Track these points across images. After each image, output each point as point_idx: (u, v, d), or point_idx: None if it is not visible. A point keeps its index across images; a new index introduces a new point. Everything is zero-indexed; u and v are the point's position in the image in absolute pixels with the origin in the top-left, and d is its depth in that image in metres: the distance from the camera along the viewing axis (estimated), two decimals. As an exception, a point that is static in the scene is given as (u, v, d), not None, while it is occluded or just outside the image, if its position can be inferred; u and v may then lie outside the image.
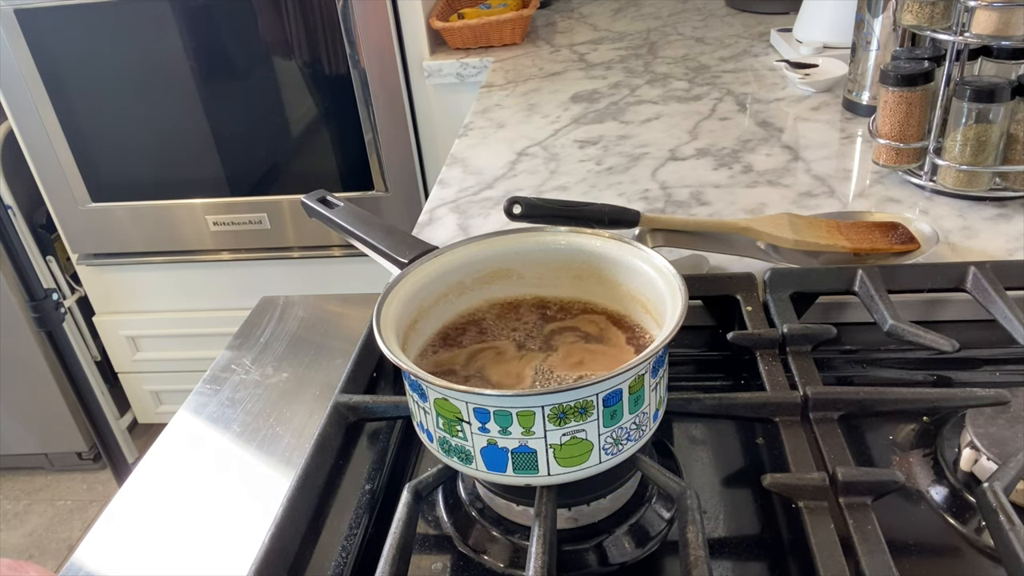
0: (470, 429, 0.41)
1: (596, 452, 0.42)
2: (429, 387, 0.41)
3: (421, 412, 0.44)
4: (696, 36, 1.44)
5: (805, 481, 0.45)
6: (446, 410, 0.41)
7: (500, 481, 0.44)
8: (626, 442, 0.43)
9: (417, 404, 0.44)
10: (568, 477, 0.42)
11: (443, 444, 0.44)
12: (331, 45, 1.44)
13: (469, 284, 0.53)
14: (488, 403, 0.40)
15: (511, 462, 0.42)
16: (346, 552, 0.48)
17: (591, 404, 0.40)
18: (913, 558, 0.45)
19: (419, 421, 0.45)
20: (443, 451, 0.44)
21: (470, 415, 0.41)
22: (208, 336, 1.74)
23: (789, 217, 0.73)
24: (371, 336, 0.62)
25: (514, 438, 0.41)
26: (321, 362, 0.70)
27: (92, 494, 1.94)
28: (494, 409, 0.40)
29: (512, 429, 0.40)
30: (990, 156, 0.78)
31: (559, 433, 0.40)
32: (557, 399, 0.39)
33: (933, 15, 0.78)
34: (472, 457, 0.42)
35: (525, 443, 0.41)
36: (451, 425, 0.42)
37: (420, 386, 0.42)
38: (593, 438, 0.41)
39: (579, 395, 0.39)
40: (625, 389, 0.41)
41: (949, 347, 0.55)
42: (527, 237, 0.54)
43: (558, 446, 0.41)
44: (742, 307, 0.62)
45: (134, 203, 1.63)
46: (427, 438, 0.45)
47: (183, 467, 0.60)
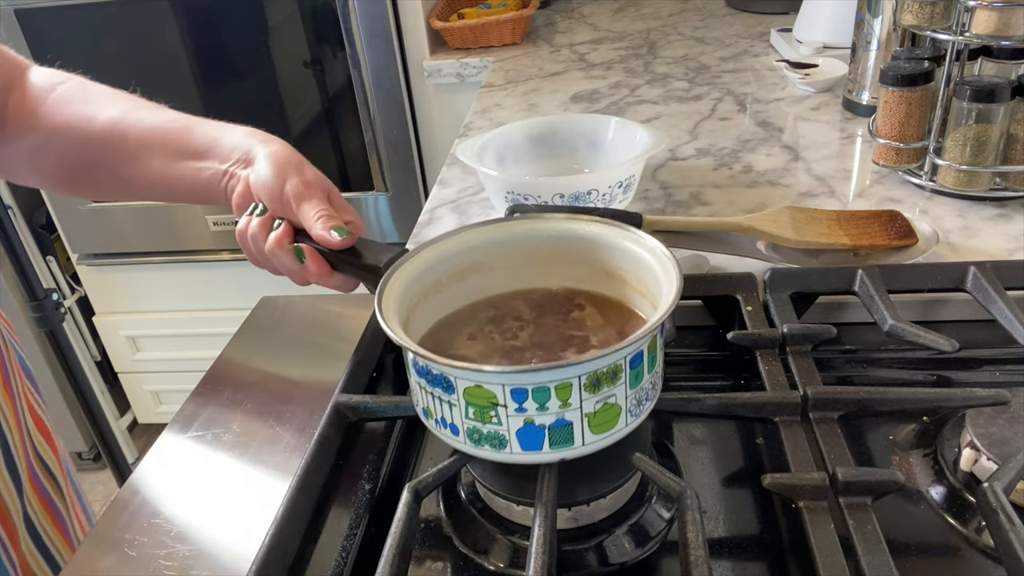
0: (506, 413, 0.41)
1: (623, 415, 0.43)
2: (459, 378, 0.41)
3: (445, 407, 0.43)
4: (696, 36, 1.44)
5: (805, 481, 0.45)
6: (479, 398, 0.41)
7: (534, 460, 0.43)
8: (645, 402, 0.45)
9: (439, 400, 0.43)
10: (599, 444, 0.43)
11: (473, 435, 0.43)
12: (331, 45, 1.44)
13: (445, 282, 0.52)
14: (527, 381, 0.40)
15: (548, 438, 0.42)
16: (346, 552, 0.48)
17: (620, 368, 0.41)
18: (913, 558, 0.45)
19: (440, 418, 0.44)
20: (473, 442, 0.43)
21: (506, 398, 0.41)
22: (208, 336, 1.74)
23: (790, 212, 0.73)
24: (371, 336, 0.62)
25: (551, 413, 0.41)
26: (321, 362, 0.70)
27: (92, 494, 1.94)
28: (533, 387, 0.40)
29: (549, 404, 0.41)
30: (990, 156, 0.78)
31: (593, 401, 0.41)
32: (592, 367, 0.40)
33: (933, 15, 0.78)
34: (507, 441, 0.42)
35: (562, 416, 0.41)
36: (484, 412, 0.42)
37: (447, 378, 0.42)
38: (621, 401, 0.43)
39: (612, 360, 0.41)
40: (645, 350, 0.42)
41: (949, 347, 0.55)
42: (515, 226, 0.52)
43: (592, 414, 0.42)
44: (742, 307, 0.62)
45: (134, 203, 1.62)
46: (451, 432, 0.44)
47: (183, 467, 0.60)
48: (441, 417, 0.44)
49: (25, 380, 0.76)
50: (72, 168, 0.65)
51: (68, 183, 0.68)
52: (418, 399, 0.46)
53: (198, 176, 0.60)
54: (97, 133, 0.62)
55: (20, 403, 0.74)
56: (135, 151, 0.62)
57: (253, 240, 0.56)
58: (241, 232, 0.57)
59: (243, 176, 0.58)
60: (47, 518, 0.75)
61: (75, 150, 0.63)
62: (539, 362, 0.47)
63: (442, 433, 0.45)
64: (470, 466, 0.49)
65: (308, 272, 0.55)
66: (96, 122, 0.62)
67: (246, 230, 0.56)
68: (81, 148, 0.63)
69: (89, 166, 0.64)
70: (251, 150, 0.58)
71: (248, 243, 0.57)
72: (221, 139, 0.60)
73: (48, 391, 1.82)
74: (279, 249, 0.54)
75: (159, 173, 0.61)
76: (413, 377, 0.45)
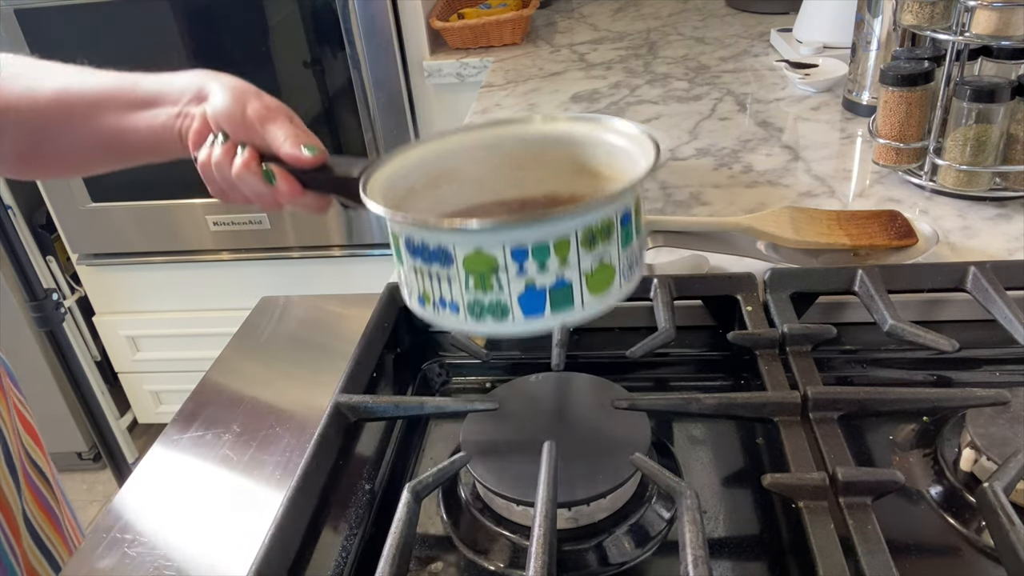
0: (507, 277, 0.41)
1: (617, 277, 0.43)
2: (459, 245, 0.40)
3: (443, 284, 0.42)
4: (696, 36, 1.44)
5: (805, 481, 0.45)
6: (479, 264, 0.40)
7: (535, 328, 0.42)
8: (635, 267, 0.45)
9: (436, 277, 0.42)
10: (597, 308, 0.43)
11: (474, 308, 0.42)
12: (331, 45, 1.44)
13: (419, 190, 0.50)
14: (527, 237, 0.40)
15: (548, 302, 0.42)
16: (346, 552, 0.48)
17: (612, 224, 0.41)
18: (913, 558, 0.45)
19: (438, 298, 0.43)
20: (475, 317, 0.42)
21: (507, 260, 0.40)
22: (208, 336, 1.74)
23: (790, 212, 0.73)
24: (371, 336, 0.62)
25: (551, 273, 0.41)
26: (321, 362, 0.70)
27: (92, 494, 1.94)
28: (533, 244, 0.40)
29: (549, 263, 0.40)
30: (990, 156, 0.78)
31: (590, 259, 0.41)
32: (588, 219, 0.40)
33: (933, 15, 0.78)
34: (509, 309, 0.42)
35: (561, 276, 0.41)
36: (484, 280, 0.41)
37: (444, 250, 0.41)
38: (615, 262, 0.43)
39: (605, 212, 0.41)
40: (633, 211, 0.43)
41: (949, 347, 0.55)
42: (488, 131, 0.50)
43: (590, 274, 0.42)
44: (742, 307, 0.62)
45: (134, 203, 1.62)
46: (451, 312, 0.43)
47: (183, 467, 0.60)
48: (440, 297, 0.42)
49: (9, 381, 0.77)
50: (26, 145, 0.63)
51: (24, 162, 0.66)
52: (412, 287, 0.44)
53: (151, 124, 0.59)
54: (45, 103, 0.61)
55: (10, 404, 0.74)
56: (85, 112, 0.60)
57: (218, 169, 0.54)
58: (204, 163, 0.55)
59: (197, 113, 0.57)
60: (43, 517, 0.76)
61: (25, 126, 0.62)
62: None
63: (441, 315, 0.43)
64: (470, 466, 0.49)
65: (279, 193, 0.54)
66: (42, 92, 0.61)
67: (209, 160, 0.55)
68: (31, 122, 0.62)
69: (41, 139, 0.63)
70: (203, 86, 0.58)
71: (213, 173, 0.55)
72: (170, 84, 0.59)
73: (48, 391, 1.81)
74: (247, 172, 0.53)
75: (112, 129, 0.60)
76: (406, 263, 0.43)
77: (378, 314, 0.64)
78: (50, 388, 1.81)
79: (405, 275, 0.44)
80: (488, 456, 0.50)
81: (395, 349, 0.67)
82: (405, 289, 0.46)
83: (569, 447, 0.49)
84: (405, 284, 0.45)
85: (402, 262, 0.44)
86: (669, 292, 0.63)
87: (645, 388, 0.63)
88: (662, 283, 0.63)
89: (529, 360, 0.66)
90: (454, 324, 0.43)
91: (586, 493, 0.47)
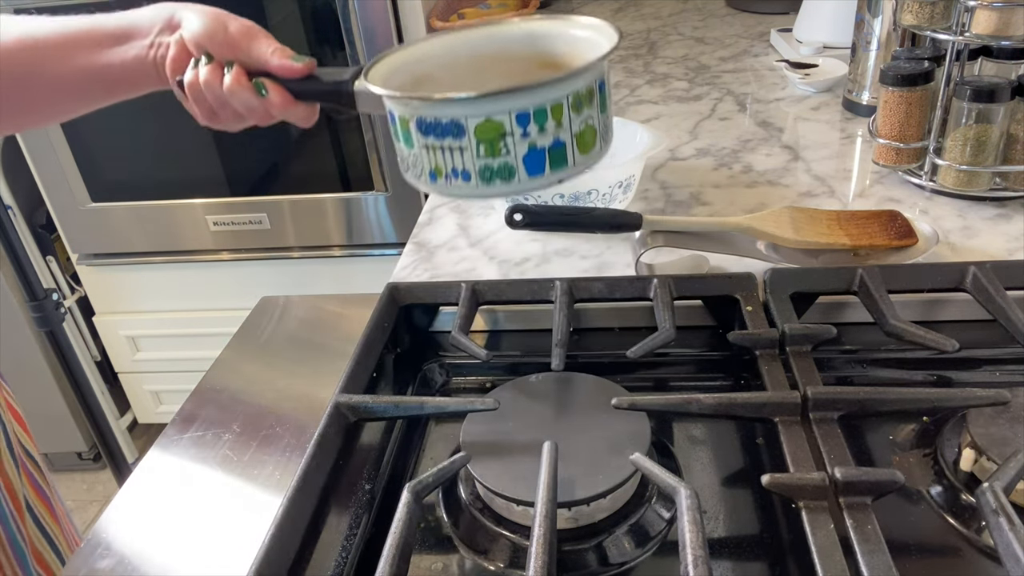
0: (513, 140, 0.47)
1: (598, 139, 0.50)
2: (471, 114, 0.46)
3: (455, 156, 0.48)
4: (696, 36, 1.44)
5: (805, 481, 0.45)
6: (489, 131, 0.47)
7: (537, 186, 0.49)
8: (608, 132, 0.52)
9: (448, 150, 0.48)
10: (585, 166, 0.50)
11: (484, 173, 0.48)
12: (331, 45, 1.44)
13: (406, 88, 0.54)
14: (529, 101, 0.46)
15: (548, 160, 0.48)
16: (346, 552, 0.48)
17: (593, 91, 0.49)
18: (913, 558, 0.45)
19: (450, 170, 0.48)
20: (485, 181, 0.48)
21: (512, 125, 0.47)
22: (208, 336, 1.74)
23: (790, 212, 0.73)
24: (371, 335, 0.62)
25: (549, 134, 0.47)
26: (321, 362, 0.70)
27: (92, 494, 1.94)
28: (534, 108, 0.46)
29: (547, 126, 0.47)
30: (990, 156, 0.78)
31: (578, 122, 0.48)
32: (575, 84, 0.47)
33: (933, 15, 0.78)
34: (515, 171, 0.48)
35: (557, 136, 0.48)
36: (494, 145, 0.47)
37: (457, 123, 0.47)
38: (596, 124, 0.50)
39: (588, 79, 0.48)
40: (606, 80, 0.50)
41: (949, 347, 0.55)
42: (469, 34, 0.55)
43: (579, 134, 0.49)
44: (742, 307, 0.62)
45: (134, 203, 1.62)
46: (463, 180, 0.48)
47: (183, 467, 0.60)
48: (452, 168, 0.48)
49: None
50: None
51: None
52: (423, 166, 0.49)
53: (124, 59, 0.59)
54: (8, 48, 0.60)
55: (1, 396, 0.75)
56: (52, 54, 0.60)
57: (208, 87, 0.56)
58: (192, 84, 0.56)
59: (171, 41, 0.58)
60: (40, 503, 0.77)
61: None
62: None
63: (453, 186, 0.49)
64: (470, 466, 0.49)
65: (271, 104, 0.56)
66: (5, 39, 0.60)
67: (197, 81, 0.56)
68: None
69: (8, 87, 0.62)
70: (172, 15, 0.58)
71: (203, 93, 0.56)
72: (137, 18, 0.59)
73: (48, 391, 1.81)
74: (239, 87, 0.55)
75: (83, 68, 0.60)
76: (417, 144, 0.49)
77: (378, 314, 0.64)
78: (50, 388, 1.81)
79: (415, 156, 0.50)
80: (488, 456, 0.50)
81: (395, 349, 0.67)
82: (413, 172, 0.51)
83: (569, 447, 0.49)
84: (413, 166, 0.51)
85: (411, 144, 0.49)
86: (669, 292, 0.63)
87: (645, 388, 0.64)
88: (662, 283, 0.63)
89: (529, 360, 0.66)
90: (466, 192, 0.49)
91: (586, 493, 0.47)
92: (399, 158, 0.52)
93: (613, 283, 0.65)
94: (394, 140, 0.52)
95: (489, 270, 0.77)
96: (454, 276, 0.76)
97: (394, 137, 0.51)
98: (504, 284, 0.67)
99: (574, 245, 0.79)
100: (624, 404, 0.51)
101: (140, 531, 0.54)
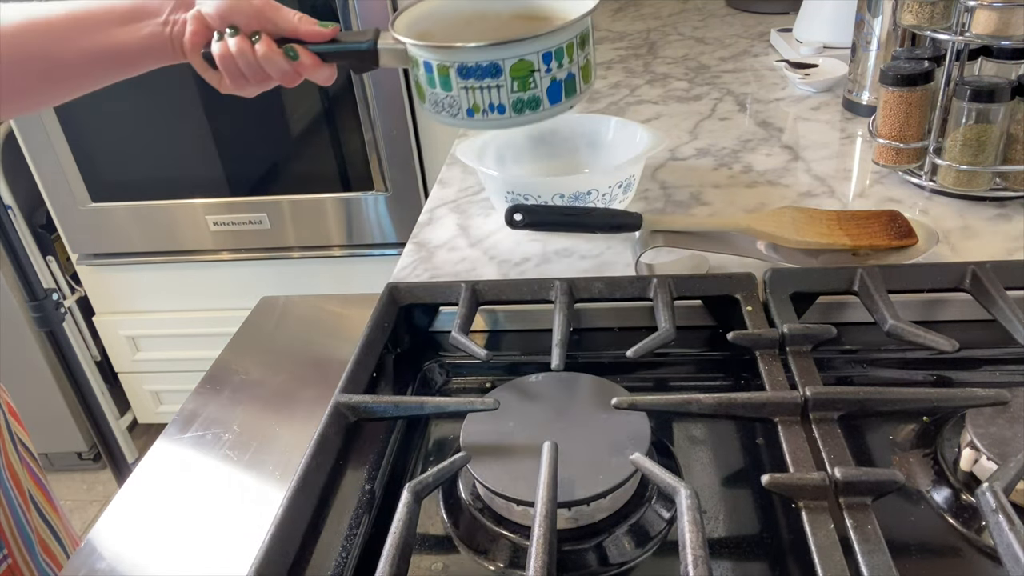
0: (539, 76, 0.60)
1: (592, 70, 0.65)
2: (508, 57, 0.58)
3: (492, 93, 0.60)
4: (696, 36, 1.44)
5: (805, 481, 0.45)
6: (521, 69, 0.59)
7: (556, 111, 0.62)
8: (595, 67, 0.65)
9: (487, 89, 0.60)
10: (585, 93, 0.64)
11: (516, 105, 0.61)
12: (331, 45, 1.44)
13: None
14: (553, 42, 0.59)
15: (564, 90, 0.62)
16: (346, 552, 0.48)
17: (588, 33, 0.62)
18: (913, 558, 0.45)
19: (488, 105, 0.60)
20: (517, 112, 0.61)
21: (540, 63, 0.59)
22: (208, 336, 1.74)
23: (790, 212, 0.73)
24: (371, 335, 0.62)
25: (564, 68, 0.61)
26: (321, 362, 0.70)
27: (92, 494, 1.94)
28: (555, 47, 0.59)
29: (564, 61, 0.60)
30: (990, 156, 0.78)
31: (582, 57, 0.62)
32: (579, 28, 0.61)
33: (933, 15, 0.78)
34: (541, 101, 0.61)
35: (570, 70, 0.61)
36: (524, 81, 0.60)
37: (496, 64, 0.59)
38: (591, 59, 0.64)
39: (584, 24, 0.62)
40: (590, 26, 0.63)
41: (949, 347, 0.55)
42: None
43: (583, 67, 0.62)
44: (742, 307, 0.62)
45: (134, 203, 1.62)
46: (498, 113, 0.61)
47: (183, 467, 0.60)
48: (488, 104, 0.60)
49: None
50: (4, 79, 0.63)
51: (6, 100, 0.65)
52: (461, 105, 0.61)
53: (138, 37, 0.61)
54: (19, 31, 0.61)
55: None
56: (63, 34, 0.61)
57: (241, 55, 0.60)
58: (224, 55, 0.60)
59: (188, 17, 0.61)
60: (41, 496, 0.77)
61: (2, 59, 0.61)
62: None
63: (489, 119, 0.61)
64: (470, 466, 0.49)
65: (302, 67, 0.62)
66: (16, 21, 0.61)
67: (229, 52, 0.60)
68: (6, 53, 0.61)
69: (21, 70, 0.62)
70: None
71: (235, 62, 0.61)
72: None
73: (48, 391, 1.81)
74: (272, 53, 0.61)
75: (95, 48, 0.62)
76: (456, 87, 0.60)
77: (378, 314, 0.64)
78: (50, 388, 1.81)
79: (452, 98, 0.61)
80: (488, 456, 0.50)
81: (395, 349, 0.67)
82: (448, 112, 0.62)
83: (569, 447, 0.49)
84: (449, 107, 0.62)
85: (450, 88, 0.60)
86: (669, 292, 0.63)
87: (645, 388, 0.64)
88: (662, 283, 0.63)
89: (529, 360, 0.66)
90: (499, 123, 0.61)
91: (586, 493, 0.47)
92: (430, 103, 0.63)
93: (613, 283, 0.65)
94: (425, 87, 0.62)
95: (489, 270, 0.77)
96: (454, 276, 0.77)
97: (427, 84, 0.62)
98: (504, 284, 0.67)
99: (574, 245, 0.79)
100: (624, 404, 0.51)
101: (140, 531, 0.54)
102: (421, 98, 0.64)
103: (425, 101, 0.63)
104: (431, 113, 0.63)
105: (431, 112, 0.63)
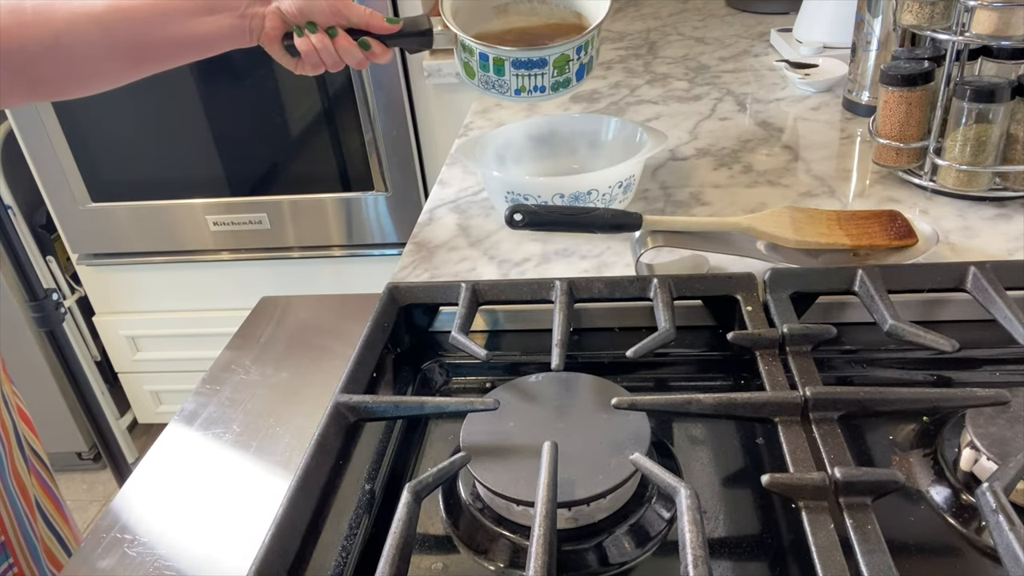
0: (572, 63, 0.76)
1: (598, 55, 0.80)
2: (552, 54, 0.74)
3: (538, 78, 0.75)
4: (696, 36, 1.44)
5: (805, 481, 0.45)
6: (562, 60, 0.75)
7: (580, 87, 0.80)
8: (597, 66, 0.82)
9: (533, 75, 0.75)
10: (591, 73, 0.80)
11: (554, 86, 0.76)
12: (331, 45, 1.43)
13: None
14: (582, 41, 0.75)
15: (586, 71, 0.78)
16: (346, 552, 0.48)
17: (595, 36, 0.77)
18: (913, 558, 0.45)
19: (532, 87, 0.76)
20: (553, 91, 0.77)
21: (575, 54, 0.75)
22: (208, 336, 1.74)
23: (790, 212, 0.73)
24: (371, 336, 0.62)
25: (586, 55, 0.77)
26: (321, 362, 0.70)
27: (92, 494, 1.94)
28: (584, 43, 0.76)
29: (588, 51, 0.77)
30: (990, 156, 0.78)
31: (595, 46, 0.78)
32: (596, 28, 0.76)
33: (933, 15, 0.78)
34: (571, 81, 0.77)
35: (591, 56, 0.78)
36: (562, 68, 0.75)
37: (544, 59, 0.74)
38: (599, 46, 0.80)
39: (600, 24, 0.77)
40: (597, 34, 0.78)
41: (949, 347, 0.55)
42: None
43: (596, 52, 0.79)
44: (742, 307, 0.62)
45: (134, 203, 1.62)
46: (540, 92, 0.76)
47: (183, 467, 0.60)
48: (533, 86, 0.75)
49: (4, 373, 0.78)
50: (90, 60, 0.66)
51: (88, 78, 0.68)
52: (510, 86, 0.76)
53: (217, 27, 0.67)
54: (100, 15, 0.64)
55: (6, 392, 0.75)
56: (149, 20, 0.65)
57: (324, 49, 0.70)
58: (308, 49, 0.70)
59: (267, 12, 0.69)
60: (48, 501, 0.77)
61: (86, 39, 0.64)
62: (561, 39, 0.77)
63: (533, 96, 0.77)
64: (470, 466, 0.49)
65: (373, 55, 0.72)
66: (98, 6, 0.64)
67: (312, 45, 0.69)
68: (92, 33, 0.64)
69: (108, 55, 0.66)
70: None
71: (319, 54, 0.70)
72: None
73: (48, 391, 1.81)
74: (350, 46, 0.70)
75: (180, 35, 0.67)
76: (509, 74, 0.75)
77: (378, 314, 0.64)
78: (50, 388, 1.81)
79: (503, 81, 0.76)
80: (488, 456, 0.50)
81: (395, 349, 0.67)
82: (497, 90, 0.77)
83: (569, 447, 0.49)
84: (499, 87, 0.76)
85: (503, 74, 0.75)
86: (669, 292, 0.63)
87: (645, 388, 0.64)
88: (662, 283, 0.63)
89: (529, 360, 0.66)
90: (539, 99, 0.78)
91: (586, 493, 0.47)
92: (480, 81, 0.77)
93: (613, 283, 0.65)
94: (477, 71, 0.76)
95: (489, 270, 0.77)
96: (454, 276, 0.77)
97: (480, 69, 0.76)
98: (504, 284, 0.67)
99: (574, 245, 0.79)
100: (624, 404, 0.51)
101: (140, 531, 0.54)
102: (470, 76, 0.77)
103: (475, 79, 0.77)
104: (480, 88, 0.77)
105: (480, 87, 0.77)
